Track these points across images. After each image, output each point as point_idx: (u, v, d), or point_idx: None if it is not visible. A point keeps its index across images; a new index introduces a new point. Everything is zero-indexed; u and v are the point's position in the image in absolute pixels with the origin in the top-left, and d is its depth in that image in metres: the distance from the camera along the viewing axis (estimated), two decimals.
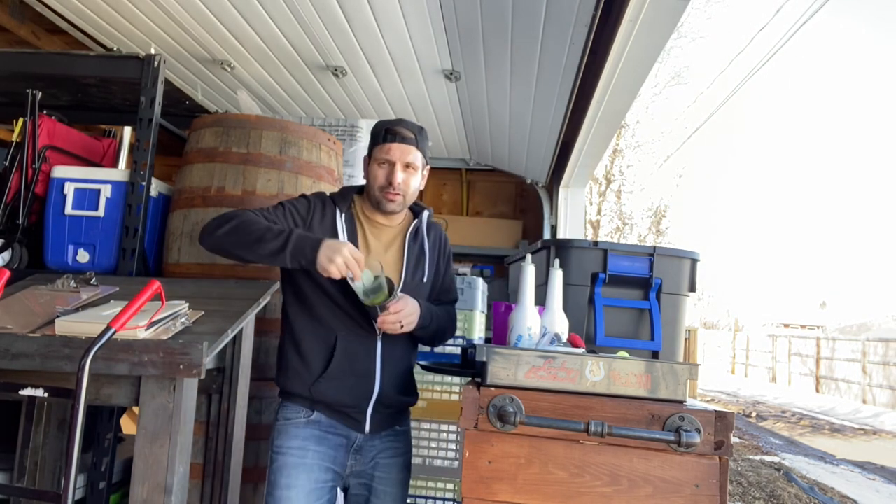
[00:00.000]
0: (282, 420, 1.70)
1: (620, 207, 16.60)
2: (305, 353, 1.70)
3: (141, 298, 1.47)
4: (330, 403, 1.68)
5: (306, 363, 1.69)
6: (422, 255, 1.80)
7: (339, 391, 1.67)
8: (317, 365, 1.68)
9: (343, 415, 1.69)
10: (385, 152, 1.71)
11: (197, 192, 2.19)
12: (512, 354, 1.40)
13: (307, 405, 1.69)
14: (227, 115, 2.42)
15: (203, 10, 2.86)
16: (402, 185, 1.71)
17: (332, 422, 1.69)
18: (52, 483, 1.90)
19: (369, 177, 1.75)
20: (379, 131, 1.75)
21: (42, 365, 1.50)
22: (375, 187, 1.72)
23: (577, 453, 1.33)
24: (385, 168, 1.72)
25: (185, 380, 1.52)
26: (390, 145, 1.71)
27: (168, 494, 1.47)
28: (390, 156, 1.71)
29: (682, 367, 1.38)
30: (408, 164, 1.72)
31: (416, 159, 1.74)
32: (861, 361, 16.60)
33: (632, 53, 2.74)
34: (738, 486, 6.77)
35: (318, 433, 1.68)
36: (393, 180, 1.70)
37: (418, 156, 1.74)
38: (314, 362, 1.68)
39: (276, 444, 1.68)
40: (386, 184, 1.71)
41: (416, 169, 1.75)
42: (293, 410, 1.70)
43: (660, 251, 2.05)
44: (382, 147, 1.72)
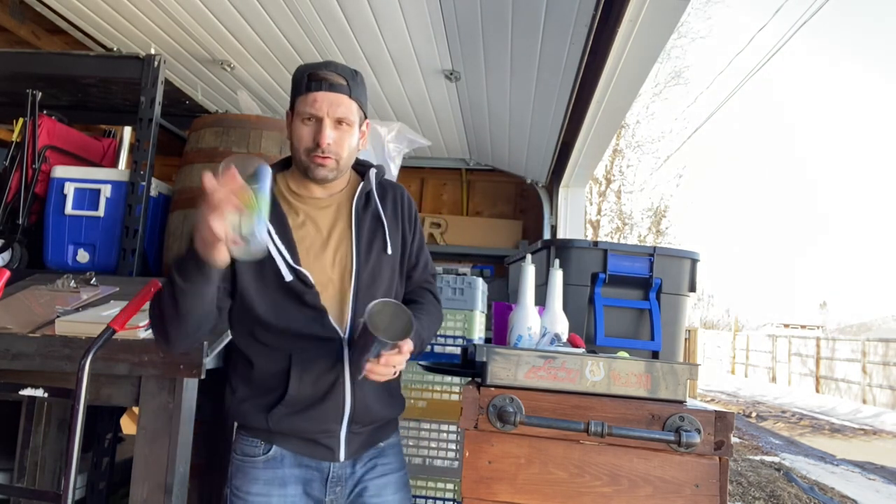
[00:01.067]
0: (239, 455, 1.37)
1: (620, 207, 16.61)
2: (255, 377, 1.35)
3: (141, 298, 1.47)
4: (292, 434, 1.34)
5: (257, 389, 1.35)
6: (378, 225, 1.42)
7: (301, 419, 1.33)
8: (271, 391, 1.33)
9: (310, 444, 1.36)
10: (309, 104, 1.32)
11: (197, 192, 2.19)
12: (512, 354, 1.40)
13: (264, 437, 1.35)
14: (227, 115, 2.42)
15: (203, 10, 2.85)
16: (334, 146, 1.33)
17: (298, 456, 1.36)
18: (52, 483, 1.90)
19: (293, 137, 1.37)
20: (300, 78, 1.36)
21: (42, 365, 1.50)
22: (301, 150, 1.34)
23: (577, 453, 1.33)
24: (311, 125, 1.33)
25: (186, 380, 1.52)
26: (315, 95, 1.32)
27: (168, 494, 1.47)
28: (315, 109, 1.32)
29: (682, 367, 1.38)
30: (340, 120, 1.34)
31: (350, 112, 1.35)
32: (861, 361, 16.60)
33: (632, 53, 2.74)
34: (738, 486, 6.77)
35: (282, 472, 1.35)
36: (321, 140, 1.31)
37: (352, 107, 1.36)
38: (267, 387, 1.34)
39: (234, 485, 1.36)
40: (313, 145, 1.33)
41: (351, 124, 1.36)
42: (249, 444, 1.36)
43: (660, 251, 2.05)
44: (306, 98, 1.33)
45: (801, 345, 20.21)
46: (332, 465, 1.37)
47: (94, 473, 2.02)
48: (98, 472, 2.02)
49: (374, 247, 1.40)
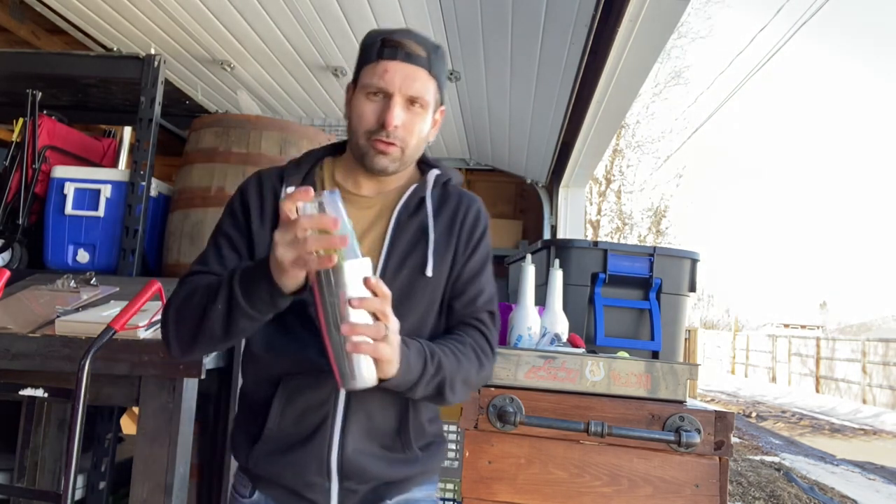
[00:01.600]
0: (232, 492, 1.17)
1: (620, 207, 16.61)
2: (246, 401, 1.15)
3: (141, 298, 1.47)
4: (273, 481, 1.08)
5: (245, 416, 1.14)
6: (421, 239, 1.11)
7: (282, 464, 1.06)
8: (254, 421, 1.09)
9: (294, 497, 1.07)
10: (378, 75, 1.05)
11: (197, 192, 2.19)
12: (512, 354, 1.40)
13: (250, 477, 1.12)
14: (227, 115, 2.42)
15: (203, 10, 2.85)
16: (402, 131, 1.06)
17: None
18: (52, 483, 1.90)
19: (352, 115, 1.09)
20: (371, 43, 1.09)
21: (42, 365, 1.50)
22: (361, 132, 1.07)
23: (577, 453, 1.33)
24: (377, 102, 1.06)
25: (185, 380, 1.52)
26: (387, 64, 1.05)
27: (168, 494, 1.47)
28: (386, 81, 1.05)
29: (682, 367, 1.38)
30: (413, 99, 1.06)
31: (427, 91, 1.08)
32: (861, 361, 16.59)
33: (632, 53, 2.74)
34: (738, 486, 6.77)
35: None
36: (389, 119, 1.04)
37: (430, 86, 1.08)
38: (252, 416, 1.10)
39: None
40: (377, 126, 1.05)
41: (426, 106, 1.08)
42: (240, 482, 1.14)
43: (660, 251, 2.05)
44: (376, 67, 1.06)
45: (801, 345, 20.21)
46: None
47: (94, 473, 2.02)
48: (98, 472, 2.02)
49: (408, 264, 1.09)
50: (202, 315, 0.96)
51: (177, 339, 1.02)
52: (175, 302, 1.02)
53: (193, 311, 0.97)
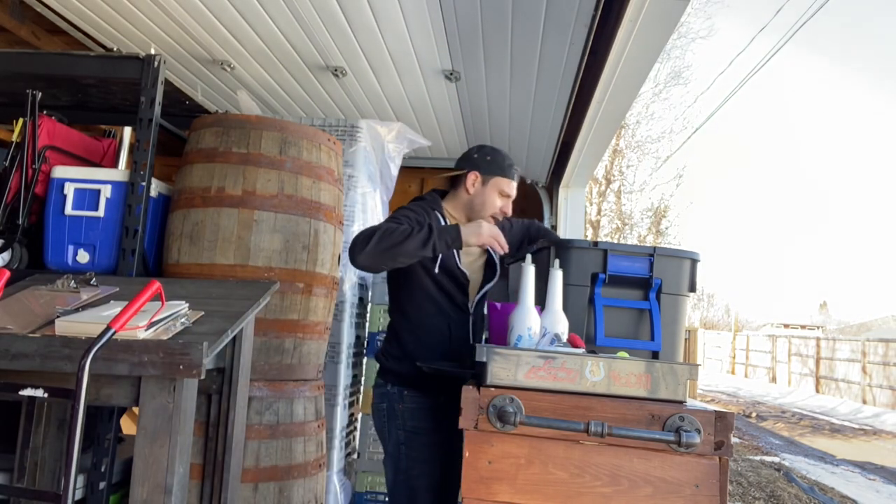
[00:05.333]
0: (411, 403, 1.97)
1: (620, 207, 16.61)
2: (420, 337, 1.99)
3: (141, 298, 1.47)
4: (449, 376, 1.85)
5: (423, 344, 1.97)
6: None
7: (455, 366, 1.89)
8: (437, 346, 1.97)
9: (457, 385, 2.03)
10: (509, 187, 2.01)
11: (197, 193, 2.19)
12: (512, 355, 1.40)
13: (431, 394, 1.94)
14: (227, 115, 2.41)
15: (203, 10, 2.85)
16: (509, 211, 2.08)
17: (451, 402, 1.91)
18: (52, 483, 1.90)
19: (486, 199, 2.00)
20: (508, 165, 2.02)
21: (42, 365, 1.50)
22: (488, 213, 2.01)
23: (577, 453, 1.33)
24: (504, 200, 2.02)
25: (185, 380, 1.52)
26: (513, 183, 2.02)
27: (168, 494, 1.47)
28: (511, 191, 2.02)
29: (682, 367, 1.38)
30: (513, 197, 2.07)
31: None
32: (861, 361, 16.60)
33: (632, 53, 2.74)
34: (738, 487, 6.77)
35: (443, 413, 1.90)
36: (508, 210, 2.04)
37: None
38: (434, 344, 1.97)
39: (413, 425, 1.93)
40: (498, 212, 2.02)
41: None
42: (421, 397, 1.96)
43: (660, 251, 2.05)
44: (509, 182, 2.01)
45: (801, 345, 20.21)
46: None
47: (94, 473, 2.02)
48: (98, 472, 2.02)
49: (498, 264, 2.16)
50: (405, 237, 1.74)
51: (374, 250, 1.75)
52: (382, 227, 1.79)
53: (396, 236, 1.74)
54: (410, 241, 1.73)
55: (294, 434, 2.18)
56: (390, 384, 1.97)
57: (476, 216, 1.99)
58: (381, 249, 1.74)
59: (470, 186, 1.99)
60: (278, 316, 2.15)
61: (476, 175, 1.99)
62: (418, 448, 1.90)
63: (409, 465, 1.90)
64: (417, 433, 1.91)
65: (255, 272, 2.13)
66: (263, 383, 2.14)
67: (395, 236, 1.74)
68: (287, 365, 2.20)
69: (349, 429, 3.16)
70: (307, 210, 2.21)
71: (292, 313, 2.18)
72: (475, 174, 1.99)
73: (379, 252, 1.75)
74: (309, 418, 2.23)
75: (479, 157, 2.03)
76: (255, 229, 2.15)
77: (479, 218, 1.98)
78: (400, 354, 1.98)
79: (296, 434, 2.18)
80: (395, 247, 1.74)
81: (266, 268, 2.14)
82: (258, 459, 2.11)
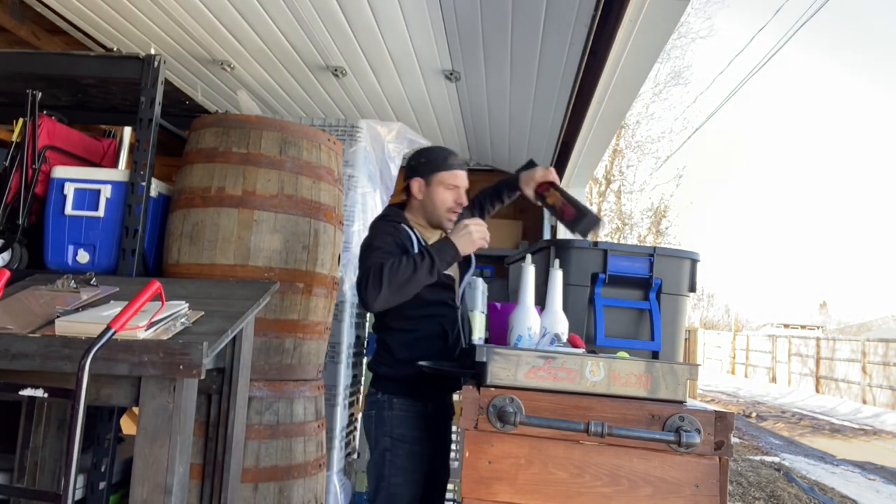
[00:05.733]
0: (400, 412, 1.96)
1: (620, 207, 16.61)
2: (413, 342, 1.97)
3: (141, 298, 1.47)
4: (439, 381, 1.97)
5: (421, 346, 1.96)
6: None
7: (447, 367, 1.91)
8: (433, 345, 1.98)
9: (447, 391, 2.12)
10: (454, 178, 2.00)
11: (197, 193, 2.19)
12: (512, 355, 1.40)
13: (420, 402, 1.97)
14: (227, 115, 2.41)
15: (203, 10, 2.85)
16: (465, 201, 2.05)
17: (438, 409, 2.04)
18: (52, 483, 1.90)
19: (436, 199, 2.00)
20: (443, 159, 2.02)
21: (42, 365, 1.50)
22: (443, 209, 2.00)
23: (577, 453, 1.33)
24: (453, 192, 2.01)
25: (185, 380, 1.52)
26: (457, 172, 2.00)
27: (168, 494, 1.47)
28: (458, 181, 2.00)
29: (682, 367, 1.38)
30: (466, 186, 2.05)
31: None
32: (861, 361, 16.59)
33: (632, 53, 2.75)
34: (738, 487, 6.77)
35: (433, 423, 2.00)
36: (462, 201, 2.02)
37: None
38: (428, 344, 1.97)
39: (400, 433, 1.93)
40: (454, 205, 2.00)
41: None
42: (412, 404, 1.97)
43: (660, 251, 2.05)
44: (451, 174, 2.00)
45: (801, 345, 20.20)
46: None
47: (94, 473, 2.02)
48: (98, 472, 2.02)
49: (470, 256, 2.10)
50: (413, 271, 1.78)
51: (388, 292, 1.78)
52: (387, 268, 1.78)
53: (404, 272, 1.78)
54: (419, 273, 1.79)
55: (294, 434, 2.18)
56: (381, 392, 1.97)
57: (436, 218, 2.02)
58: (394, 290, 1.80)
59: (417, 193, 2.02)
60: (278, 316, 2.15)
61: (418, 181, 2.03)
62: (403, 456, 1.90)
63: (393, 472, 1.90)
64: (403, 441, 1.91)
65: (255, 272, 2.13)
66: (263, 383, 2.14)
67: (402, 273, 1.79)
68: (287, 365, 2.20)
69: (349, 429, 3.16)
70: (307, 210, 2.21)
71: (292, 313, 2.18)
72: (417, 180, 2.03)
73: (393, 293, 1.80)
74: (309, 418, 2.23)
75: (416, 163, 2.06)
76: (255, 229, 2.15)
77: (439, 217, 2.01)
78: (391, 361, 1.99)
79: (296, 434, 2.18)
80: (407, 283, 1.79)
81: (266, 268, 2.14)
82: (258, 459, 2.11)
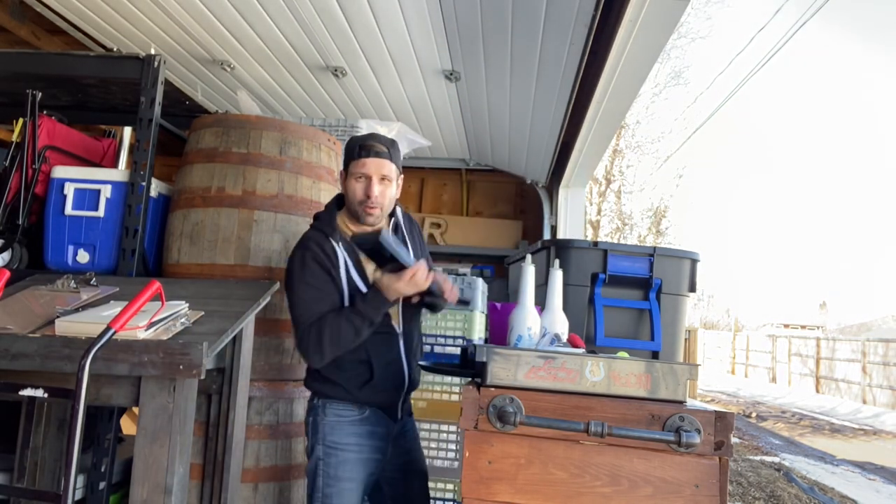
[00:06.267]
0: (333, 417, 1.79)
1: (620, 207, 16.60)
2: (342, 366, 1.78)
3: (141, 299, 1.47)
4: (375, 404, 1.81)
5: (348, 374, 1.79)
6: (406, 246, 1.90)
7: (382, 394, 1.81)
8: (357, 376, 1.79)
9: (384, 409, 1.84)
10: (361, 167, 1.79)
11: (197, 193, 2.19)
12: (512, 355, 1.40)
13: (356, 406, 1.80)
14: (227, 115, 2.42)
15: (203, 10, 2.85)
16: (379, 198, 1.79)
17: (378, 416, 1.82)
18: (52, 483, 1.90)
19: (347, 192, 1.83)
20: (353, 147, 1.82)
21: (42, 365, 1.50)
22: (355, 202, 1.81)
23: (577, 454, 1.33)
24: (362, 182, 1.79)
25: (185, 380, 1.52)
26: (365, 160, 1.78)
27: (168, 494, 1.47)
28: (366, 170, 1.78)
29: (681, 367, 1.38)
30: (383, 177, 1.80)
31: (391, 171, 1.82)
32: (861, 361, 16.58)
33: (632, 53, 2.74)
34: (738, 487, 6.77)
35: (369, 428, 1.80)
36: (371, 193, 1.78)
37: (392, 167, 1.82)
38: (355, 374, 1.79)
39: (332, 441, 1.78)
40: (364, 197, 1.79)
41: (391, 180, 1.83)
42: (344, 409, 1.80)
43: (660, 251, 2.05)
44: (357, 162, 1.79)
45: (801, 345, 20.19)
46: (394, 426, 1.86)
47: (94, 473, 2.02)
48: (98, 472, 2.02)
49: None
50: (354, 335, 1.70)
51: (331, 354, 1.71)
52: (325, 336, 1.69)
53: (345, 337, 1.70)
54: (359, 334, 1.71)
55: (294, 434, 2.18)
56: (316, 397, 1.84)
57: (354, 213, 1.84)
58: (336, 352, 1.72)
59: (341, 186, 1.88)
60: (278, 316, 2.15)
61: (340, 173, 1.89)
62: (336, 466, 1.75)
63: (326, 483, 1.75)
64: (336, 449, 1.76)
65: (255, 272, 2.13)
66: (263, 383, 2.14)
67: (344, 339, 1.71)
68: (287, 365, 2.20)
69: None
70: (307, 210, 2.21)
71: None
72: (340, 173, 1.89)
73: (335, 354, 1.73)
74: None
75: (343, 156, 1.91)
76: (255, 229, 2.15)
77: (356, 211, 1.82)
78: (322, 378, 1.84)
79: (296, 434, 2.18)
80: (348, 344, 1.72)
81: (266, 268, 2.14)
82: (258, 459, 2.11)
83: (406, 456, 1.90)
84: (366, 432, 1.80)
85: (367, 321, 1.70)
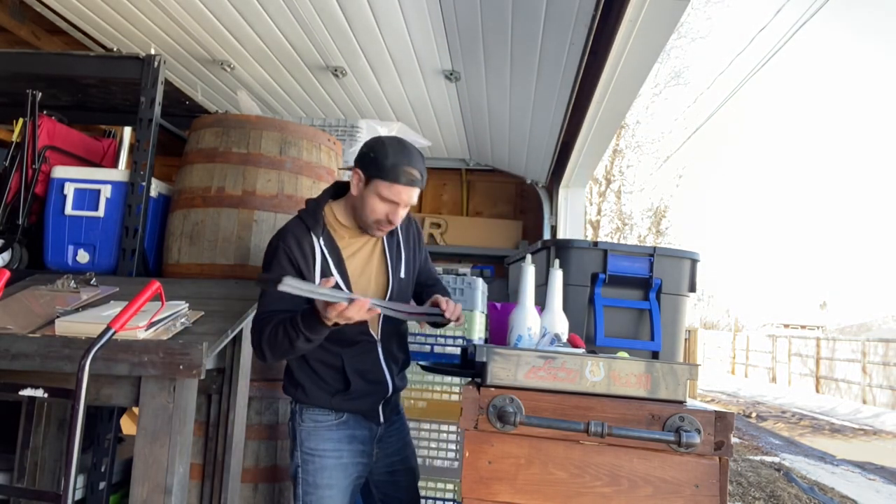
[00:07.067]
0: (310, 423, 1.73)
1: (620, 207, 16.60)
2: (317, 372, 1.73)
3: (141, 299, 1.47)
4: (352, 411, 1.75)
5: (322, 382, 1.73)
6: (400, 253, 1.81)
7: (359, 402, 1.74)
8: (333, 384, 1.73)
9: (362, 413, 1.77)
10: (395, 194, 1.62)
11: (197, 193, 2.19)
12: (512, 355, 1.40)
13: (332, 411, 1.74)
14: (227, 115, 2.42)
15: (203, 10, 2.86)
16: (397, 221, 1.68)
17: (357, 420, 1.76)
18: (52, 483, 1.90)
19: (366, 206, 1.65)
20: (394, 167, 1.61)
21: (42, 365, 1.50)
22: (372, 219, 1.66)
23: (577, 454, 1.33)
24: (389, 206, 1.64)
25: (185, 380, 1.52)
26: (401, 188, 1.62)
27: (168, 494, 1.47)
28: (400, 199, 1.63)
29: (681, 367, 1.38)
30: (409, 204, 1.68)
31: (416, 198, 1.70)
32: (861, 361, 16.59)
33: (632, 53, 2.74)
34: (738, 487, 6.77)
35: (349, 433, 1.74)
36: (395, 220, 1.66)
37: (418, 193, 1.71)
38: (329, 382, 1.73)
39: (309, 447, 1.71)
40: (385, 220, 1.66)
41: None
42: (321, 413, 1.74)
43: (660, 251, 2.05)
44: (394, 188, 1.61)
45: (801, 345, 20.19)
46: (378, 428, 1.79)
47: (94, 473, 2.02)
48: (98, 472, 2.02)
49: (398, 271, 1.78)
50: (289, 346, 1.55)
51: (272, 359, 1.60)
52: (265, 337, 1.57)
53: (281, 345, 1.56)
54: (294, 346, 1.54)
55: None
56: (294, 401, 1.77)
57: (363, 223, 1.69)
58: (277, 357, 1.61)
59: (354, 186, 1.68)
60: None
61: (358, 174, 1.66)
62: (314, 472, 1.70)
63: (305, 491, 1.70)
64: (313, 455, 1.70)
65: (256, 272, 2.13)
66: (263, 383, 2.14)
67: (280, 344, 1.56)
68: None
69: None
70: None
71: None
72: (358, 173, 1.67)
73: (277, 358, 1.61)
74: None
75: (366, 153, 1.67)
76: (255, 229, 2.15)
77: (366, 224, 1.68)
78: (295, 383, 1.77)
79: None
80: (285, 353, 1.60)
81: None
82: (258, 459, 2.11)
83: (394, 456, 1.85)
84: (345, 437, 1.73)
85: (301, 337, 1.52)
